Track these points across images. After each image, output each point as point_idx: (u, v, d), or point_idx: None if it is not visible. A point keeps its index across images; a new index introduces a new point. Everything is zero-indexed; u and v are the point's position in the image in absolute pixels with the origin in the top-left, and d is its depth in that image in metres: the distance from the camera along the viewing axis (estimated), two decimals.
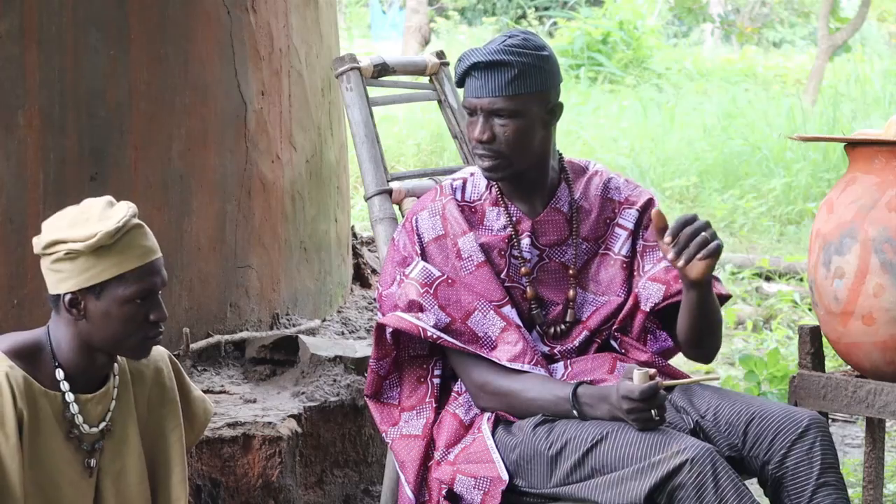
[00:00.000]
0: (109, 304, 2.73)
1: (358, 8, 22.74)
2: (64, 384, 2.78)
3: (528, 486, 2.99)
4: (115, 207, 2.78)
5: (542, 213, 3.16)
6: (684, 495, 2.77)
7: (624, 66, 16.74)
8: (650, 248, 3.19)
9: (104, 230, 2.70)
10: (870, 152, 3.43)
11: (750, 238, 9.48)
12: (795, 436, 2.93)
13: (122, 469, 2.86)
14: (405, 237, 3.16)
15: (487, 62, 3.03)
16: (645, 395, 2.84)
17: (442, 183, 3.22)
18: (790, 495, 2.91)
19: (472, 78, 3.06)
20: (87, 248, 2.70)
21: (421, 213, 3.16)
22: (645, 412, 2.85)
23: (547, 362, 3.13)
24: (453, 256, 3.11)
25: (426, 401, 3.15)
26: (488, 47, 3.06)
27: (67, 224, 2.75)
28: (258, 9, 4.37)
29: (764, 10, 20.52)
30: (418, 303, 3.08)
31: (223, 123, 4.25)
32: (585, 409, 2.96)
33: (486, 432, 3.04)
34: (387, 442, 3.17)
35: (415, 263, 3.12)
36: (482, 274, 3.10)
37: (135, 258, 2.74)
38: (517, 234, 3.15)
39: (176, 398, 2.98)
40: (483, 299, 3.08)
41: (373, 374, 3.17)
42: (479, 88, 3.05)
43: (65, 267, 2.73)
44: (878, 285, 3.34)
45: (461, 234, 3.12)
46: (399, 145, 11.24)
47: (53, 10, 3.83)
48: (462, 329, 3.07)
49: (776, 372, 5.58)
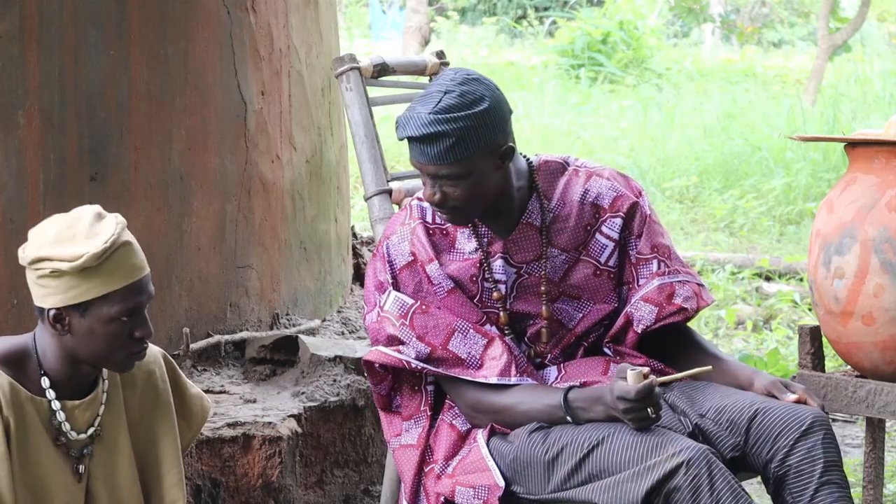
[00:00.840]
0: (94, 322, 2.70)
1: (358, 8, 22.73)
2: (50, 392, 2.76)
3: (526, 493, 2.98)
4: (104, 222, 2.72)
5: (514, 232, 3.10)
6: (680, 497, 2.76)
7: (624, 66, 16.73)
8: (644, 262, 3.13)
9: (91, 252, 2.66)
10: (870, 152, 3.43)
11: (750, 238, 9.48)
12: (799, 433, 2.90)
13: (112, 473, 2.85)
14: (379, 262, 3.12)
15: (421, 136, 2.95)
16: (641, 395, 2.83)
17: (411, 203, 3.16)
18: (793, 493, 2.90)
19: (412, 144, 2.99)
20: (73, 270, 2.66)
21: (391, 237, 3.12)
22: (641, 411, 2.84)
23: (538, 368, 3.12)
24: (425, 282, 3.09)
25: (421, 409, 3.14)
26: (420, 117, 2.95)
27: (53, 239, 2.70)
28: (258, 9, 4.37)
29: (764, 10, 20.51)
30: (397, 337, 3.06)
31: (223, 123, 4.25)
32: (579, 413, 2.95)
33: (482, 442, 3.04)
34: (392, 449, 3.18)
35: (387, 294, 3.09)
36: (455, 299, 3.08)
37: (120, 278, 2.70)
38: (489, 257, 3.10)
39: (169, 400, 2.95)
40: (461, 319, 3.06)
41: (376, 395, 3.18)
42: (420, 156, 2.98)
43: (49, 283, 2.69)
44: (878, 285, 3.33)
45: (428, 261, 3.09)
46: (399, 145, 11.16)
47: (53, 10, 3.83)
48: (444, 356, 3.04)
49: (776, 372, 5.58)
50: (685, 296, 3.11)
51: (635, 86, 15.69)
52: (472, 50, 18.26)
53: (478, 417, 3.07)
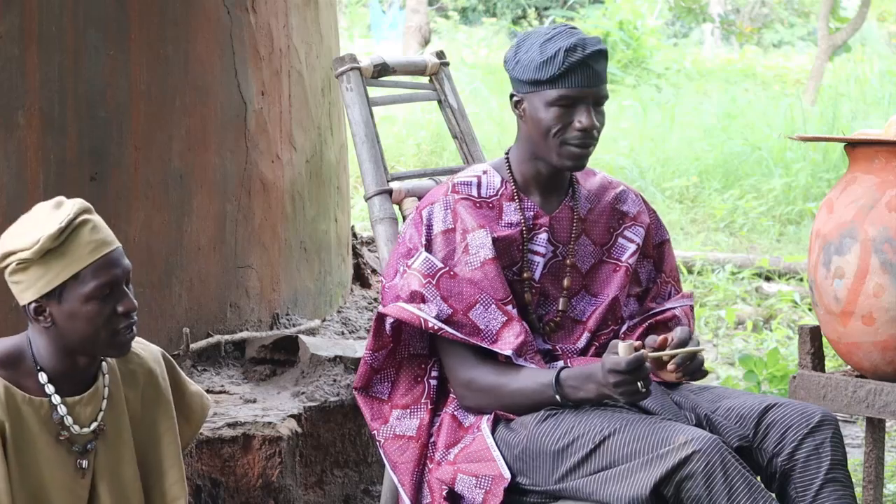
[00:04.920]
0: (72, 305, 2.69)
1: (358, 8, 22.72)
2: (49, 387, 2.76)
3: (532, 484, 2.97)
4: (62, 208, 2.72)
5: (556, 210, 3.17)
6: (693, 485, 2.76)
7: (624, 66, 16.74)
8: (664, 283, 3.29)
9: (46, 233, 2.66)
10: (870, 152, 3.43)
11: (750, 238, 9.48)
12: (808, 430, 2.95)
13: (116, 470, 2.85)
14: (412, 229, 3.14)
15: (598, 51, 3.05)
16: (631, 366, 2.84)
17: (452, 181, 3.19)
18: (797, 488, 2.94)
19: (583, 67, 3.04)
20: (35, 255, 2.66)
21: (433, 205, 3.14)
22: (632, 385, 2.86)
23: (547, 360, 3.13)
24: (460, 250, 3.09)
25: (422, 401, 3.14)
26: (585, 38, 3.06)
27: (14, 234, 2.71)
28: (258, 9, 4.37)
29: (764, 10, 20.52)
30: (420, 293, 3.06)
31: (223, 123, 4.25)
32: (569, 392, 2.97)
33: (486, 431, 3.04)
34: (377, 441, 3.15)
35: (418, 254, 3.10)
36: (487, 271, 3.08)
37: (86, 255, 2.69)
38: (535, 229, 3.15)
39: (170, 398, 2.95)
40: (485, 294, 3.07)
41: (366, 365, 3.15)
42: (591, 77, 3.04)
43: (21, 278, 2.70)
44: (878, 285, 3.34)
45: (473, 229, 3.10)
46: (399, 145, 11.24)
47: (53, 10, 3.83)
48: (464, 321, 3.05)
49: (776, 372, 5.58)
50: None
51: (635, 86, 15.69)
52: (472, 50, 18.26)
53: (469, 397, 3.07)
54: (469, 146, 3.77)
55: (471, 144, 3.77)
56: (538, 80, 3.05)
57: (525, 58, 3.08)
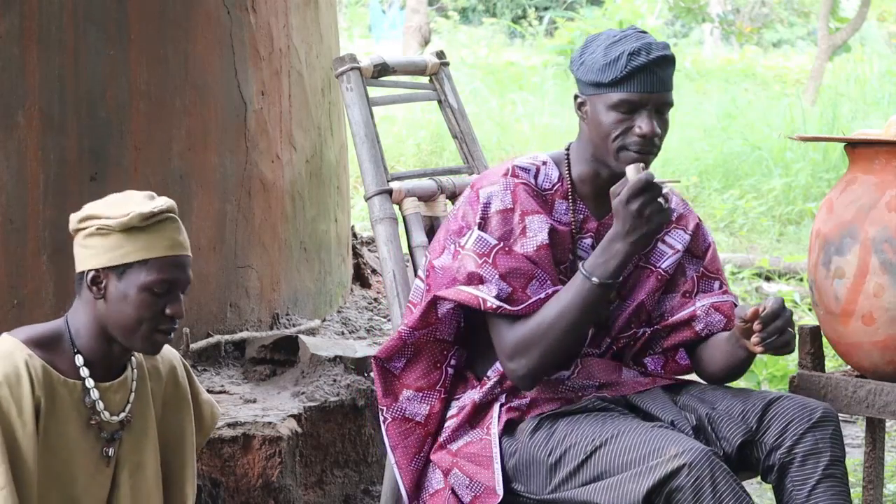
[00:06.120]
0: (128, 287, 2.74)
1: (358, 8, 22.73)
2: (83, 370, 2.79)
3: (527, 492, 2.98)
4: (156, 199, 2.82)
5: (606, 217, 3.10)
6: (682, 498, 2.77)
7: None
8: (709, 279, 3.21)
9: (138, 211, 2.74)
10: (870, 152, 3.43)
11: (750, 238, 9.48)
12: (809, 424, 2.97)
13: (139, 462, 2.88)
14: (467, 206, 3.07)
15: (663, 56, 2.99)
16: (648, 183, 2.85)
17: (512, 163, 3.12)
18: (794, 481, 2.95)
19: (647, 72, 2.98)
20: (119, 226, 2.73)
21: (492, 185, 3.07)
22: (654, 203, 2.86)
23: None
24: (518, 231, 3.02)
25: (436, 388, 3.12)
26: (651, 43, 3.00)
27: (106, 205, 2.79)
28: (258, 9, 4.37)
29: (764, 10, 20.51)
30: (478, 274, 2.99)
31: (223, 123, 4.25)
32: (600, 269, 2.91)
33: (495, 438, 3.02)
34: (383, 418, 3.12)
35: (470, 233, 3.04)
36: (542, 255, 3.02)
37: (162, 247, 2.77)
38: (581, 232, 3.11)
39: (188, 397, 2.99)
40: (542, 271, 3.01)
41: (399, 340, 3.10)
42: (656, 83, 2.99)
43: (95, 243, 2.75)
44: (878, 285, 3.33)
45: (532, 212, 3.04)
46: (399, 145, 11.24)
47: (53, 10, 3.83)
48: (522, 298, 2.98)
49: (776, 372, 5.58)
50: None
51: None
52: (472, 50, 18.26)
53: (522, 362, 2.98)
54: (469, 146, 3.77)
55: (471, 144, 3.77)
56: (600, 82, 2.99)
57: (590, 59, 3.02)
